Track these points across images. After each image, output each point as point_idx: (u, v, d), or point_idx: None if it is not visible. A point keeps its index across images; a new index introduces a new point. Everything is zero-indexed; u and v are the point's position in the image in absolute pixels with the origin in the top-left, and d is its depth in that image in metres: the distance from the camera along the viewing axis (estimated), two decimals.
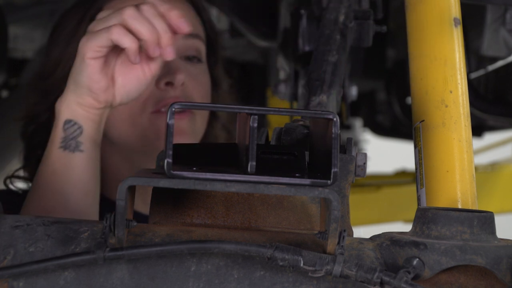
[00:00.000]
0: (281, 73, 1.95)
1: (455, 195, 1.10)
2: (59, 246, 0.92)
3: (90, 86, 1.36)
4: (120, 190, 0.87)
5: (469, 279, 0.92)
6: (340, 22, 1.38)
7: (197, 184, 0.87)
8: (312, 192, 0.87)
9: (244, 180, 0.87)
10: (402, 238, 0.92)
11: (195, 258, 0.91)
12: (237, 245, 0.88)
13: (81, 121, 1.38)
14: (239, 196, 1.01)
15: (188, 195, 1.01)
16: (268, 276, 0.91)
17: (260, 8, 2.01)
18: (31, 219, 0.95)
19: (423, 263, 0.90)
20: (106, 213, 0.91)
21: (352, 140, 1.10)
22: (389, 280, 0.87)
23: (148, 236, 0.93)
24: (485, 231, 0.92)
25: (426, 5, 1.19)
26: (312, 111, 0.98)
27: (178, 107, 0.89)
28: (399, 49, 2.56)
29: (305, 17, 1.59)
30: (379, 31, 1.50)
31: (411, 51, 1.20)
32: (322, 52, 1.30)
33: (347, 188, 1.03)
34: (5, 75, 2.37)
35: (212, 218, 1.00)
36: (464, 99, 1.15)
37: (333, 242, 0.88)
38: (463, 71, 1.16)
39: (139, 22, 1.32)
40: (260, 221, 1.01)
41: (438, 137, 1.13)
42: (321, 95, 1.21)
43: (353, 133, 3.32)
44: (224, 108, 0.92)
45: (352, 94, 1.78)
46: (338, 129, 0.90)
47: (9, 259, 0.91)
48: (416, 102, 1.17)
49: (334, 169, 0.88)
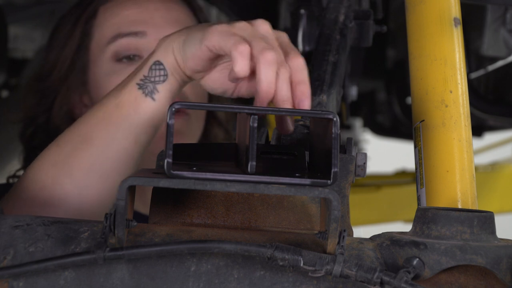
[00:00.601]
0: None
1: (455, 195, 1.10)
2: (59, 246, 0.92)
3: (194, 61, 1.23)
4: (120, 190, 0.87)
5: (469, 279, 0.92)
6: (340, 22, 1.38)
7: (197, 184, 0.87)
8: (312, 192, 0.87)
9: (244, 180, 0.87)
10: (402, 238, 0.92)
11: (195, 258, 0.91)
12: (237, 245, 0.88)
13: (169, 71, 1.26)
14: (239, 196, 1.01)
15: (188, 195, 1.01)
16: (268, 276, 0.91)
17: (260, 8, 2.01)
18: (31, 219, 0.95)
19: (423, 263, 0.90)
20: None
21: (352, 140, 1.10)
22: (389, 280, 0.87)
23: (148, 236, 0.93)
24: (485, 231, 0.92)
25: (426, 5, 1.19)
26: (312, 111, 0.98)
27: (178, 107, 0.89)
28: (399, 49, 2.56)
29: (305, 17, 1.59)
30: (379, 31, 1.51)
31: (411, 51, 1.20)
32: (322, 52, 1.30)
33: (347, 188, 1.03)
34: (5, 75, 2.37)
35: (212, 218, 1.00)
36: (464, 99, 1.15)
37: (333, 242, 0.88)
38: (463, 71, 1.16)
39: (269, 71, 1.13)
40: (260, 221, 1.01)
41: (438, 137, 1.13)
42: (321, 95, 1.21)
43: (353, 133, 3.32)
44: (224, 108, 0.92)
45: (352, 94, 1.78)
46: (338, 129, 0.90)
47: (9, 259, 0.91)
48: (416, 102, 1.17)
49: (334, 169, 0.88)
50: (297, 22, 1.60)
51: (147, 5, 1.67)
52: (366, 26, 1.43)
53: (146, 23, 1.65)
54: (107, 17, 1.68)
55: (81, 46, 1.69)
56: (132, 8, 1.67)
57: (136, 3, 1.67)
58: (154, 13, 1.66)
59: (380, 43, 2.25)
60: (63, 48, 1.69)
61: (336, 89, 1.23)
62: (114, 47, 1.65)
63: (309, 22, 1.58)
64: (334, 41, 1.32)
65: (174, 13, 1.69)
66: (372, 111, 3.01)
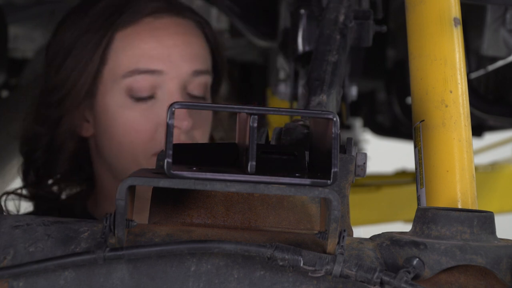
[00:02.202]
0: (281, 73, 1.95)
1: (455, 195, 1.10)
2: (59, 246, 0.92)
3: None
4: (120, 190, 0.87)
5: (469, 279, 0.92)
6: (340, 22, 1.38)
7: (197, 184, 0.87)
8: (312, 192, 0.86)
9: (244, 180, 0.87)
10: (402, 238, 0.92)
11: (195, 258, 0.91)
12: (237, 245, 0.88)
13: None
14: (239, 196, 1.01)
15: (188, 195, 1.01)
16: (268, 276, 0.91)
17: (260, 8, 2.01)
18: (31, 219, 0.95)
19: (423, 263, 0.90)
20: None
21: (352, 140, 1.10)
22: (389, 280, 0.87)
23: (148, 236, 0.93)
24: (485, 231, 0.92)
25: (426, 5, 1.19)
26: (312, 111, 0.98)
27: (178, 107, 0.89)
28: (399, 49, 2.56)
29: (305, 17, 1.59)
30: (379, 31, 1.50)
31: (411, 51, 1.20)
32: (322, 52, 1.30)
33: (347, 188, 1.03)
34: (5, 75, 2.36)
35: (212, 218, 1.00)
36: (464, 99, 1.15)
37: (333, 242, 0.88)
38: (463, 71, 1.16)
39: None
40: (260, 221, 1.01)
41: (438, 137, 1.13)
42: (321, 95, 1.21)
43: (353, 133, 3.32)
44: (224, 108, 0.92)
45: (352, 94, 1.78)
46: (338, 129, 0.90)
47: (9, 259, 0.91)
48: (416, 102, 1.17)
49: (334, 169, 0.88)
50: (297, 22, 1.60)
51: (165, 39, 1.65)
52: (366, 26, 1.42)
53: (164, 61, 1.64)
54: (125, 46, 1.65)
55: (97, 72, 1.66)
56: (150, 42, 1.64)
57: (154, 36, 1.65)
58: (172, 50, 1.64)
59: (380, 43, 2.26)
60: (81, 73, 1.65)
61: (336, 89, 1.23)
62: (129, 82, 1.63)
63: (309, 22, 1.58)
64: (334, 41, 1.32)
65: (192, 49, 1.67)
66: (372, 111, 3.01)
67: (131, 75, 1.63)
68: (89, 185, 1.75)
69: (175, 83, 1.64)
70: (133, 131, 1.63)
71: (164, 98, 1.63)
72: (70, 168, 1.72)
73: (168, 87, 1.63)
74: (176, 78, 1.64)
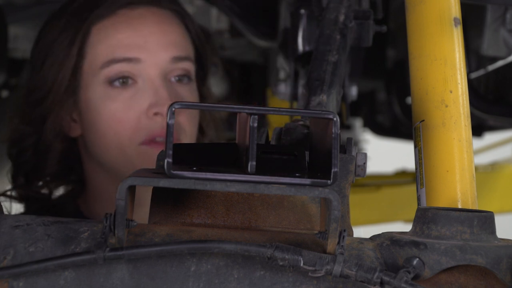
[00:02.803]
0: (281, 73, 1.95)
1: (455, 195, 1.10)
2: (59, 246, 0.92)
3: None
4: (120, 190, 0.87)
5: (469, 279, 0.92)
6: (340, 22, 1.38)
7: (197, 184, 0.87)
8: (312, 192, 0.86)
9: (244, 180, 0.87)
10: (402, 238, 0.92)
11: (195, 258, 0.91)
12: (237, 245, 0.88)
13: None
14: (239, 196, 1.01)
15: (188, 195, 1.01)
16: (268, 276, 0.91)
17: (260, 8, 2.01)
18: (31, 219, 0.95)
19: (423, 263, 0.90)
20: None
21: (352, 140, 1.10)
22: (389, 280, 0.87)
23: (148, 236, 0.93)
24: (485, 231, 0.92)
25: (426, 5, 1.19)
26: (312, 111, 0.97)
27: (178, 107, 0.89)
28: (399, 49, 2.56)
29: (305, 17, 1.59)
30: (379, 31, 1.50)
31: (411, 51, 1.20)
32: (322, 52, 1.30)
33: (347, 188, 1.03)
34: (5, 75, 2.36)
35: (212, 218, 1.00)
36: (464, 99, 1.15)
37: (333, 242, 0.88)
38: (463, 71, 1.16)
39: None
40: (260, 221, 1.01)
41: (438, 137, 1.13)
42: (321, 95, 1.21)
43: (353, 133, 3.32)
44: (224, 108, 0.92)
45: (352, 94, 1.78)
46: (338, 129, 0.89)
47: (9, 259, 0.91)
48: (416, 102, 1.17)
49: (334, 169, 0.88)
50: (297, 22, 1.60)
51: (141, 28, 1.66)
52: (366, 26, 1.42)
53: (140, 49, 1.64)
54: (101, 38, 1.66)
55: (76, 67, 1.67)
56: (126, 31, 1.65)
57: (130, 25, 1.66)
58: (148, 38, 1.65)
59: (380, 43, 2.26)
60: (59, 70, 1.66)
61: (336, 89, 1.23)
62: (107, 72, 1.64)
63: (309, 22, 1.58)
64: (334, 41, 1.32)
65: (169, 36, 1.68)
66: (372, 111, 3.01)
67: (109, 65, 1.64)
68: (79, 185, 1.75)
69: (154, 70, 1.64)
70: (116, 122, 1.63)
71: (145, 86, 1.64)
72: (59, 169, 1.72)
73: (148, 75, 1.64)
74: (154, 65, 1.64)
